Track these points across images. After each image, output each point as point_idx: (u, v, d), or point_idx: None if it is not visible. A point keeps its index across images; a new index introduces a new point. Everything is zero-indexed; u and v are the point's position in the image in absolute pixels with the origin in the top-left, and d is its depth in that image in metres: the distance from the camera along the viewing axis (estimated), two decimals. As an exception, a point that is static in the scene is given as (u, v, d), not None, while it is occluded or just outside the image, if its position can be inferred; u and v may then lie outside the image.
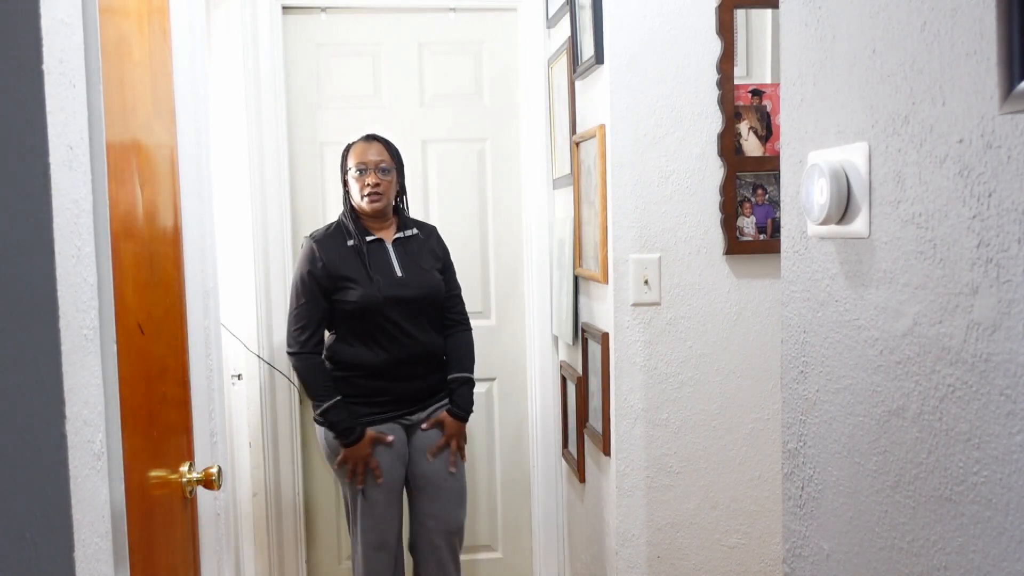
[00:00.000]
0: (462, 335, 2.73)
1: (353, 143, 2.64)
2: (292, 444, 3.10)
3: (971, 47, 0.76)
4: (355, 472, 2.55)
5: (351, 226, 2.59)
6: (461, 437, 2.67)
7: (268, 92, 3.00)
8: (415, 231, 2.68)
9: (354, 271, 2.53)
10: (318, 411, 2.55)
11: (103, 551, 1.04)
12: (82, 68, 1.02)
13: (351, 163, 2.59)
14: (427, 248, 2.68)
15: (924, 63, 0.84)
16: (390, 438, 2.57)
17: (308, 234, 2.64)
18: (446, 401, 2.68)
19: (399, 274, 2.57)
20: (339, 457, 2.55)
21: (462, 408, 2.66)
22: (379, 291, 2.51)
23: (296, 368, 2.61)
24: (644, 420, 2.34)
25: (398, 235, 2.63)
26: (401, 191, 2.70)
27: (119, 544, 1.12)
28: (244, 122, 2.99)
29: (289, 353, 2.60)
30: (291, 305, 2.60)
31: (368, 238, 2.59)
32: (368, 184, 2.55)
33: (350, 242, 2.57)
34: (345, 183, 2.64)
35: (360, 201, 2.58)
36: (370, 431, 2.54)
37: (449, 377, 2.68)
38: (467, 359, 2.71)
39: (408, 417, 2.63)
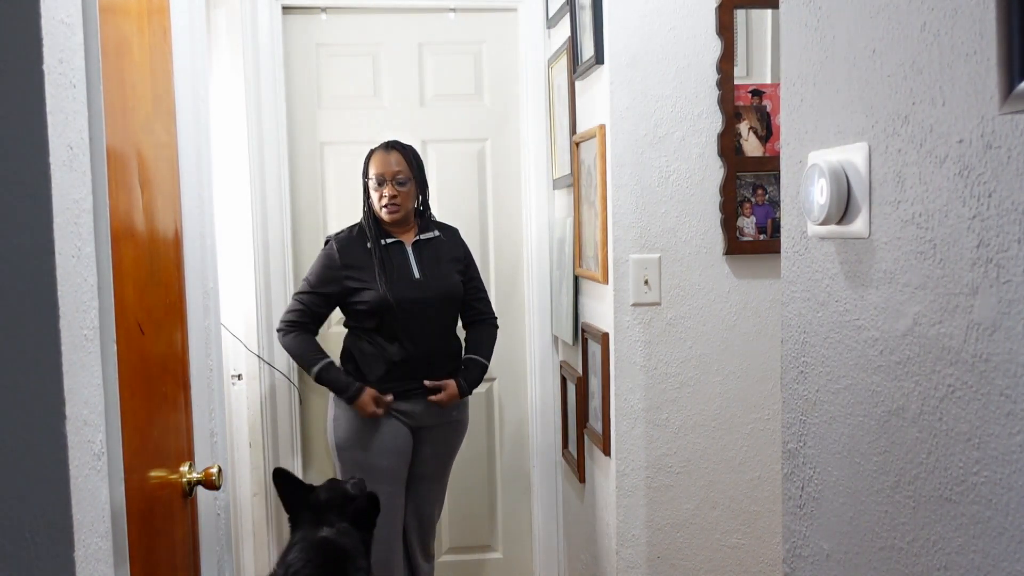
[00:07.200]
0: (485, 327, 2.78)
1: (375, 149, 2.65)
2: (292, 444, 3.10)
3: (971, 47, 0.76)
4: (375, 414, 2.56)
5: (370, 229, 2.62)
6: (453, 400, 2.66)
7: (268, 92, 3.00)
8: (436, 233, 2.71)
9: (370, 273, 2.57)
10: (314, 377, 2.60)
11: (103, 551, 1.04)
12: (82, 68, 1.02)
13: (371, 172, 2.62)
14: (447, 250, 2.70)
15: (924, 63, 0.84)
16: (389, 397, 2.58)
17: (331, 234, 2.69)
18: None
19: (417, 276, 2.60)
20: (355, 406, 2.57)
21: (468, 383, 2.68)
22: (393, 293, 2.54)
23: (283, 344, 2.64)
24: (644, 420, 2.34)
25: (418, 238, 2.66)
26: (423, 196, 2.72)
27: (119, 544, 1.12)
28: (244, 122, 2.99)
29: (277, 330, 2.65)
30: (295, 291, 2.67)
31: (388, 240, 2.62)
32: (385, 195, 2.59)
33: (369, 244, 2.60)
34: (366, 188, 2.66)
35: (379, 210, 2.61)
36: (369, 389, 2.56)
37: (464, 356, 2.72)
38: (485, 347, 2.75)
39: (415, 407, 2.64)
